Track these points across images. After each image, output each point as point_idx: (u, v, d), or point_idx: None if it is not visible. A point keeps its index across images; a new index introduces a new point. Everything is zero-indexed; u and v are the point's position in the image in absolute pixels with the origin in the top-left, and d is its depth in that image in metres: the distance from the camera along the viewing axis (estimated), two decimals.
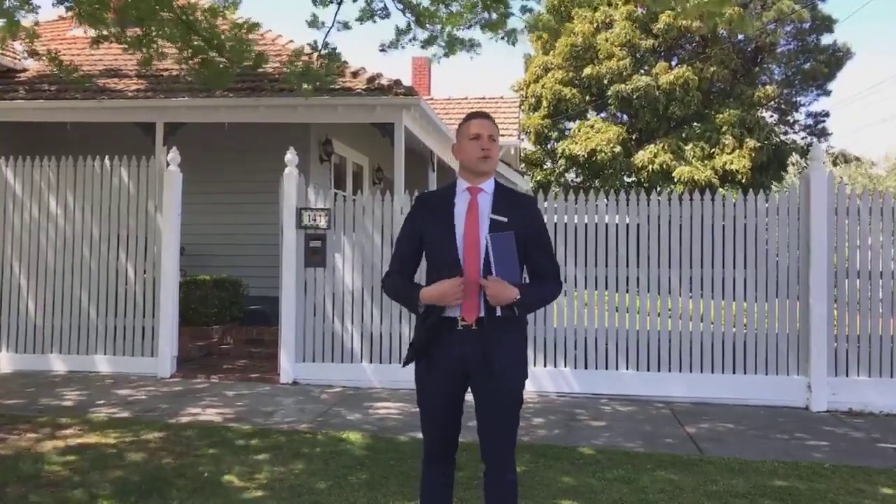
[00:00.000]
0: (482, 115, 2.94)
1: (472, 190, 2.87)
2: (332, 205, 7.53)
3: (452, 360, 2.79)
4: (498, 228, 2.77)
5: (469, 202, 2.84)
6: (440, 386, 2.83)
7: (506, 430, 2.85)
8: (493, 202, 2.85)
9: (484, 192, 2.87)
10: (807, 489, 4.33)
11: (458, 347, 2.77)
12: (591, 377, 7.06)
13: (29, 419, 5.67)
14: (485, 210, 2.83)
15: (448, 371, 2.81)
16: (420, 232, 2.90)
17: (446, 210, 2.86)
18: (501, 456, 2.84)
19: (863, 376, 6.75)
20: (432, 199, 3.00)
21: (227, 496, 4.05)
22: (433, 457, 2.93)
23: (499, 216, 2.80)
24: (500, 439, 2.84)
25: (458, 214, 2.83)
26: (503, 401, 2.82)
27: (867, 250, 6.86)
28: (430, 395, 2.87)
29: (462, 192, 2.88)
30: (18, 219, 8.05)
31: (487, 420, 2.84)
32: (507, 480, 2.85)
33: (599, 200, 7.23)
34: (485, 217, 2.81)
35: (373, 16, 7.98)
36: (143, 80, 9.83)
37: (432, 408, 2.88)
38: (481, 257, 2.77)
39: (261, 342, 8.91)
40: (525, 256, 2.84)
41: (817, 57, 24.29)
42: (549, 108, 23.77)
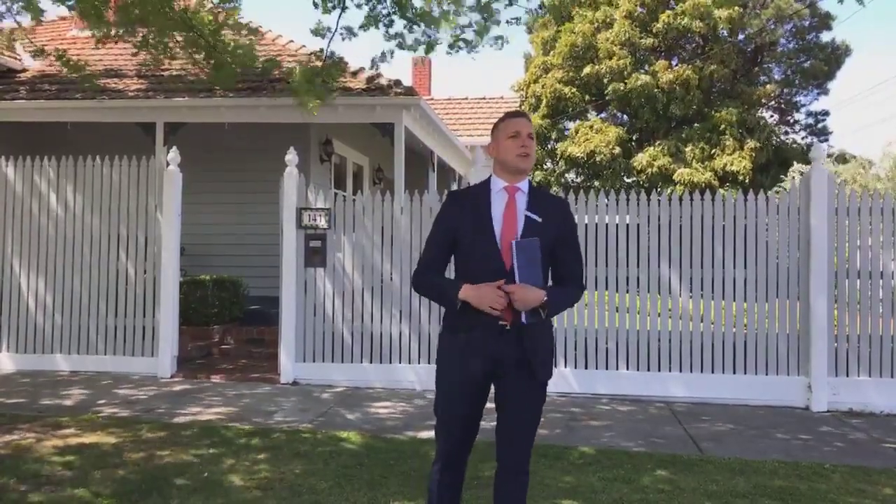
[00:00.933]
0: (521, 114, 2.92)
1: (509, 189, 2.83)
2: (332, 205, 7.53)
3: (485, 360, 2.75)
4: (533, 227, 2.76)
5: (507, 201, 2.81)
6: (465, 382, 2.79)
7: (530, 430, 2.84)
8: (528, 201, 2.82)
9: (521, 191, 2.84)
10: (807, 489, 4.33)
11: (493, 347, 2.73)
12: (592, 377, 7.07)
13: (29, 419, 5.67)
14: (522, 209, 2.80)
15: (479, 371, 2.77)
16: (454, 231, 2.84)
17: (482, 209, 2.81)
18: (521, 457, 2.82)
19: (863, 376, 6.75)
20: (467, 197, 2.92)
21: (227, 496, 4.05)
22: (448, 462, 2.88)
23: (534, 215, 2.78)
24: (523, 440, 2.83)
25: (496, 214, 2.79)
26: (534, 402, 2.82)
27: (867, 250, 6.86)
28: (453, 391, 2.81)
29: (499, 191, 2.84)
30: (19, 218, 8.05)
31: (514, 420, 2.81)
32: (521, 481, 2.84)
33: (600, 200, 7.23)
34: (522, 216, 2.79)
35: (376, 23, 7.98)
36: (144, 80, 9.84)
37: (453, 404, 2.82)
38: None
39: (261, 342, 8.91)
40: (553, 258, 2.82)
41: (817, 55, 24.30)
42: (548, 108, 23.77)
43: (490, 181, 2.89)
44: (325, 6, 7.87)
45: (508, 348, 2.74)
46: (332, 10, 7.95)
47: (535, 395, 2.82)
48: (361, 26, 8.01)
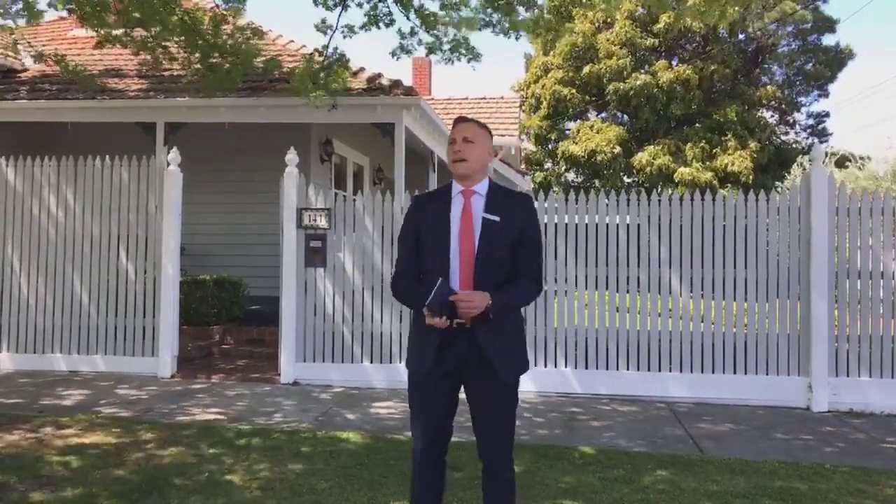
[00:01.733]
0: (458, 120, 2.99)
1: (465, 193, 2.90)
2: (332, 205, 7.52)
3: (445, 359, 2.82)
4: (491, 227, 2.82)
5: (463, 206, 2.88)
6: (431, 384, 2.86)
7: (501, 430, 2.86)
8: (486, 202, 2.87)
9: (477, 195, 2.89)
10: (808, 489, 4.33)
11: (448, 347, 2.80)
12: (592, 377, 7.06)
13: (29, 419, 5.67)
14: (478, 212, 2.86)
15: (439, 370, 2.84)
16: (417, 232, 2.93)
17: (443, 213, 2.89)
18: (499, 454, 2.86)
19: (864, 376, 6.74)
20: (429, 201, 3.02)
21: (227, 496, 4.05)
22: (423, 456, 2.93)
23: (491, 215, 2.83)
24: (494, 440, 2.86)
25: (454, 218, 2.86)
26: (500, 401, 2.85)
27: (868, 250, 6.85)
28: (421, 392, 2.90)
29: (456, 195, 2.91)
30: (20, 218, 8.05)
31: (483, 420, 2.87)
32: (505, 479, 2.87)
33: (600, 200, 7.23)
34: (479, 219, 2.84)
35: (377, 22, 7.97)
36: (144, 80, 9.84)
37: (422, 406, 2.91)
38: (475, 259, 2.80)
39: (261, 342, 8.91)
40: (512, 254, 2.85)
41: (819, 57, 24.29)
42: (549, 108, 23.77)
43: (451, 185, 2.96)
44: (325, 3, 7.87)
45: (469, 348, 2.78)
46: (333, 7, 7.94)
47: (501, 395, 2.84)
48: (362, 26, 8.01)
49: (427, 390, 2.88)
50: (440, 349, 2.81)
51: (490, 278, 2.79)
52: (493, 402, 2.84)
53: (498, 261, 2.82)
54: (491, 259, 2.81)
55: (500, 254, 2.82)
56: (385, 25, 8.01)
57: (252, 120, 9.37)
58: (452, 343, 2.79)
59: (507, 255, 2.84)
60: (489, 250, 2.81)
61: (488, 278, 2.79)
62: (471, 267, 2.79)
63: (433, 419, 2.89)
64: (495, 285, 2.78)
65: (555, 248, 7.21)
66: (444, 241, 2.83)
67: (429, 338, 2.81)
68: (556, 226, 7.22)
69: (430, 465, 2.94)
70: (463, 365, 2.82)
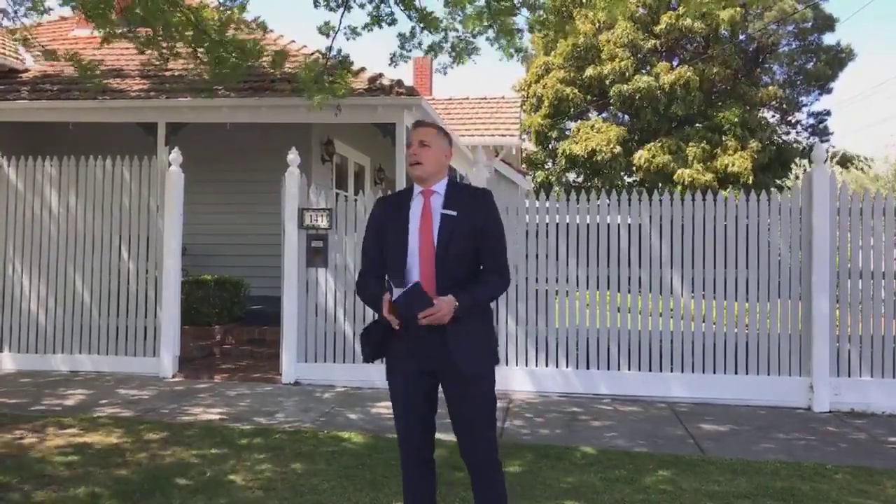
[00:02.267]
0: (416, 124, 3.05)
1: (424, 193, 2.95)
2: (333, 205, 7.53)
3: (415, 359, 2.84)
4: (449, 221, 2.85)
5: (423, 205, 2.92)
6: (407, 384, 2.88)
7: (478, 430, 2.86)
8: (445, 199, 2.91)
9: (437, 194, 2.94)
10: (809, 490, 4.33)
11: (419, 346, 2.81)
12: (593, 377, 7.06)
13: (31, 419, 5.68)
14: (437, 210, 2.90)
15: (413, 370, 2.86)
16: (380, 232, 2.98)
17: (402, 213, 2.93)
18: (480, 457, 2.86)
19: (865, 377, 6.74)
20: (390, 202, 3.08)
21: (229, 496, 4.05)
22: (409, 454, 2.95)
23: (448, 210, 2.87)
24: (472, 440, 2.86)
25: (413, 217, 2.90)
26: (472, 400, 2.85)
27: (869, 250, 6.85)
28: (399, 394, 2.91)
29: (416, 196, 2.96)
30: (21, 218, 8.06)
31: (460, 419, 2.88)
32: (490, 481, 2.86)
33: (601, 200, 7.23)
34: (438, 216, 2.88)
35: (379, 22, 7.98)
36: (146, 80, 9.84)
37: (401, 406, 2.92)
38: (435, 255, 2.83)
39: (262, 342, 8.91)
40: (473, 249, 2.88)
41: (819, 57, 24.29)
42: (550, 108, 23.78)
43: (413, 187, 3.01)
44: (328, 4, 7.88)
45: (433, 347, 2.79)
46: (336, 8, 7.95)
47: (472, 394, 2.84)
48: (365, 26, 8.02)
49: (404, 392, 2.90)
50: (412, 350, 2.83)
51: (451, 274, 2.81)
52: (466, 401, 2.85)
53: (457, 256, 2.84)
54: (450, 253, 2.83)
55: (459, 248, 2.83)
56: (388, 25, 8.02)
57: (253, 120, 9.37)
58: (423, 343, 2.80)
59: (466, 249, 2.85)
60: (447, 244, 2.83)
61: (449, 274, 2.81)
62: (430, 264, 2.82)
63: (413, 420, 2.91)
64: (456, 282, 2.80)
65: (556, 248, 7.21)
66: (403, 240, 2.87)
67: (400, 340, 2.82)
68: (556, 226, 7.22)
69: (416, 465, 2.95)
70: (434, 364, 2.83)
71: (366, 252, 3.06)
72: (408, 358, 2.85)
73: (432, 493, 3.00)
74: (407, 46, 8.22)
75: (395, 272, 2.86)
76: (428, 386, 2.89)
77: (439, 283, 2.79)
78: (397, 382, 2.92)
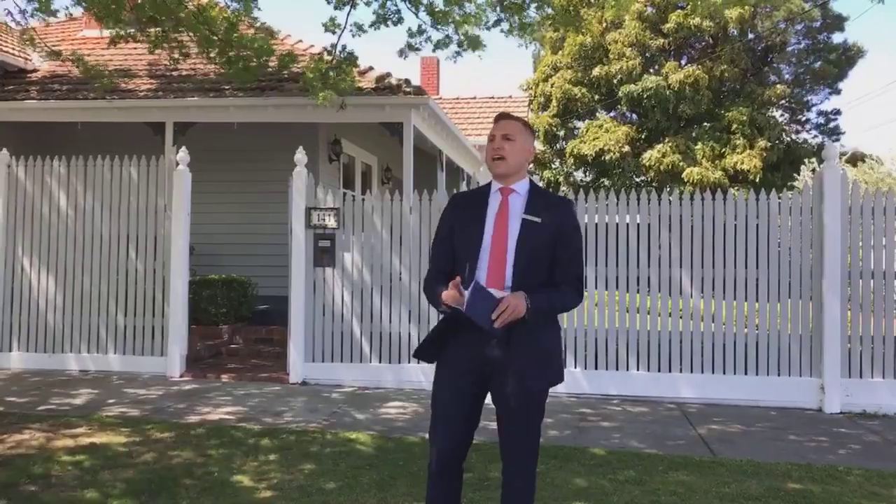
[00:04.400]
0: (500, 116, 2.91)
1: (503, 191, 2.84)
2: (341, 204, 7.52)
3: (470, 360, 2.74)
4: (531, 228, 2.74)
5: (500, 203, 2.81)
6: (456, 385, 2.78)
7: (517, 435, 2.77)
8: (527, 203, 2.80)
9: (516, 194, 2.83)
10: (821, 492, 4.28)
11: (477, 347, 2.72)
12: (602, 378, 7.03)
13: (40, 418, 5.69)
14: (516, 211, 2.79)
15: (465, 370, 2.76)
16: (452, 231, 2.87)
17: (479, 211, 2.83)
18: (513, 461, 2.78)
19: (877, 378, 6.68)
20: (465, 198, 2.97)
21: (236, 496, 4.04)
22: (440, 463, 2.82)
23: (532, 217, 2.76)
24: (512, 445, 2.78)
25: (490, 216, 2.80)
26: (522, 409, 2.74)
27: (881, 250, 6.79)
28: (446, 402, 2.80)
29: (494, 193, 2.85)
30: (29, 218, 8.08)
31: (502, 424, 2.79)
32: (514, 488, 2.78)
33: (610, 200, 7.19)
34: (516, 218, 2.77)
35: (385, 20, 7.97)
36: (154, 79, 9.86)
37: (445, 407, 2.81)
38: (509, 259, 2.72)
39: (270, 341, 8.92)
40: (552, 259, 2.78)
41: (828, 56, 24.12)
42: (558, 107, 23.71)
43: (490, 184, 2.91)
44: (337, 1, 7.88)
45: (491, 349, 2.71)
46: (343, 5, 7.95)
47: (528, 405, 2.75)
48: (371, 24, 8.01)
49: (452, 395, 2.78)
50: (465, 348, 2.73)
51: (524, 281, 2.70)
52: (515, 409, 2.74)
53: (534, 263, 2.73)
54: (527, 260, 2.72)
55: (538, 256, 2.73)
56: (393, 24, 8.01)
57: (260, 119, 9.37)
58: (484, 346, 2.70)
59: (543, 258, 2.75)
60: (527, 251, 2.72)
61: (522, 281, 2.70)
62: (502, 267, 2.71)
63: (455, 425, 2.79)
64: (529, 290, 2.68)
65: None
66: (477, 239, 2.76)
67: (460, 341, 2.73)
68: None
69: (448, 471, 2.84)
70: (491, 370, 2.73)
71: (433, 254, 2.95)
72: (458, 358, 2.75)
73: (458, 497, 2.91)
74: (415, 41, 8.21)
75: (464, 271, 2.72)
76: (478, 392, 2.78)
77: (514, 289, 2.68)
78: (444, 383, 2.80)
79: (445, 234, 2.90)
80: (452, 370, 2.79)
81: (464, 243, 2.80)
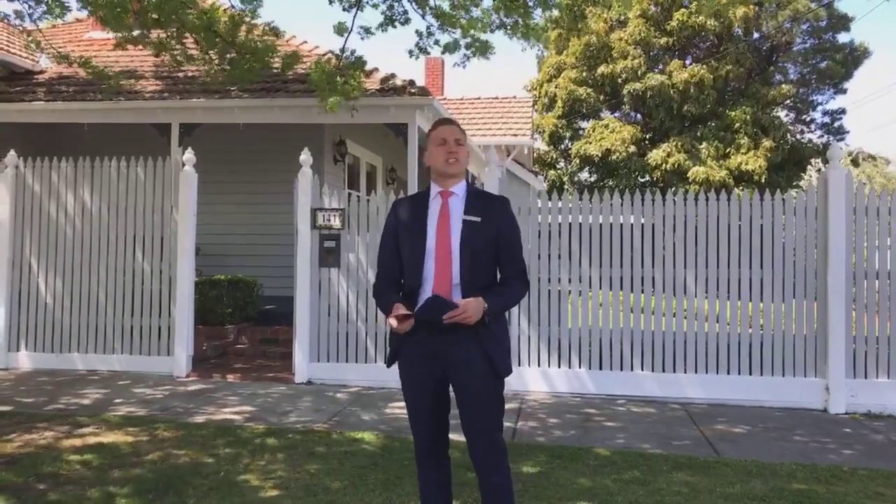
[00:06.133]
0: (448, 122, 3.05)
1: (443, 194, 2.94)
2: (346, 205, 7.55)
3: (428, 359, 2.85)
4: (472, 227, 2.87)
5: (441, 206, 2.92)
6: (418, 384, 2.90)
7: (481, 431, 2.86)
8: (465, 204, 2.92)
9: (455, 196, 2.94)
10: (825, 492, 4.29)
11: (429, 345, 2.83)
12: (607, 378, 7.04)
13: (47, 418, 5.73)
14: (457, 212, 2.90)
15: (425, 369, 2.87)
16: (395, 236, 2.98)
17: (420, 214, 2.94)
18: (483, 457, 2.86)
19: (882, 378, 6.68)
20: (407, 204, 3.08)
21: (242, 495, 4.07)
22: (422, 451, 2.99)
23: (472, 217, 2.88)
24: (477, 441, 2.87)
25: (431, 218, 2.91)
26: (475, 400, 2.85)
27: (886, 250, 6.78)
28: (411, 393, 2.94)
29: (434, 198, 2.96)
30: (37, 219, 8.13)
31: (464, 421, 2.89)
32: (492, 483, 2.86)
33: (614, 200, 7.20)
34: (457, 219, 2.89)
35: (393, 22, 7.99)
36: (160, 81, 9.91)
37: (414, 406, 2.95)
38: (454, 262, 2.83)
39: (275, 342, 8.95)
40: (497, 256, 2.91)
41: (833, 56, 24.05)
42: (563, 107, 23.70)
43: (430, 188, 3.00)
44: (342, 4, 7.91)
45: (445, 347, 2.81)
46: (350, 8, 7.98)
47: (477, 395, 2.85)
48: (379, 25, 8.03)
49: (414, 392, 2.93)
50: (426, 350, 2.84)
51: (470, 279, 2.83)
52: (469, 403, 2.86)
53: (478, 261, 2.86)
54: (471, 259, 2.84)
55: (480, 254, 2.86)
56: (401, 24, 8.03)
57: (266, 120, 9.41)
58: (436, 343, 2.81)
59: (486, 256, 2.88)
60: (470, 250, 2.84)
61: (469, 279, 2.83)
62: (447, 267, 2.83)
63: (424, 419, 2.94)
64: (480, 287, 2.82)
65: (569, 248, 7.19)
66: (421, 242, 2.88)
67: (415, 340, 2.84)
68: (570, 226, 7.20)
69: (431, 463, 2.99)
70: (445, 365, 2.84)
71: (381, 257, 3.07)
72: (421, 357, 2.86)
73: (448, 488, 3.03)
74: (423, 43, 8.23)
75: (411, 275, 2.88)
76: (438, 385, 2.90)
77: (464, 289, 2.81)
78: (406, 382, 2.95)
79: (390, 241, 3.01)
80: (410, 369, 2.92)
81: (409, 247, 2.91)
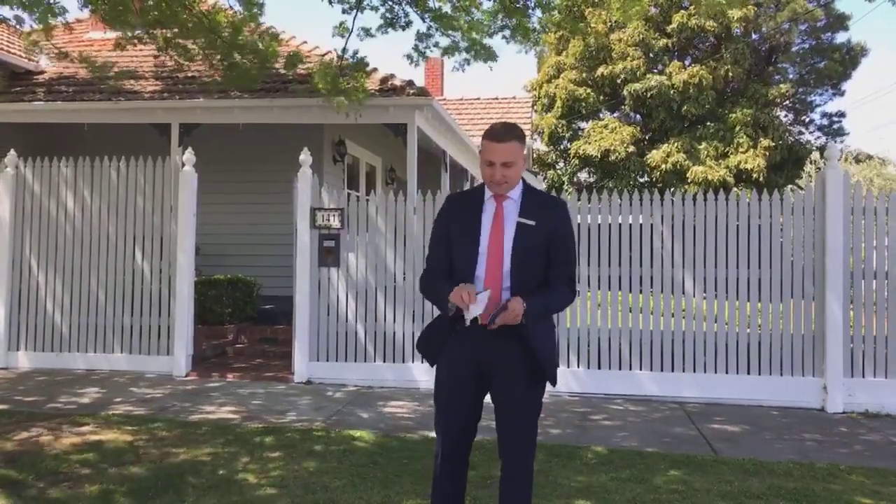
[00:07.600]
0: (497, 138, 2.81)
1: (497, 198, 2.89)
2: (345, 205, 7.56)
3: (468, 360, 2.82)
4: (526, 231, 2.81)
5: (495, 210, 2.87)
6: (456, 384, 2.86)
7: (515, 432, 2.85)
8: (520, 206, 2.86)
9: (510, 200, 2.88)
10: (822, 490, 4.30)
11: (476, 343, 2.79)
12: (605, 377, 7.05)
13: (47, 417, 5.74)
14: (511, 216, 2.85)
15: (464, 370, 2.83)
16: (448, 231, 2.93)
17: (474, 215, 2.88)
18: (511, 457, 2.85)
19: (879, 377, 6.69)
20: (461, 201, 3.02)
21: (241, 493, 4.08)
22: (445, 456, 2.91)
23: (526, 220, 2.83)
24: (509, 442, 2.85)
25: (485, 222, 2.86)
26: (513, 403, 2.83)
27: (884, 250, 6.80)
28: (446, 393, 2.89)
29: (489, 199, 2.90)
30: (37, 219, 8.14)
31: (499, 421, 2.87)
32: (515, 483, 2.84)
33: (613, 200, 7.22)
34: (511, 222, 2.83)
35: (393, 24, 8.02)
36: (159, 81, 9.92)
37: (446, 408, 2.89)
38: (505, 265, 2.79)
39: (274, 341, 8.97)
40: (545, 260, 2.85)
41: (832, 56, 24.08)
42: (563, 108, 23.72)
43: (484, 187, 2.94)
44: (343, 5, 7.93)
45: (488, 349, 2.79)
46: (350, 10, 8.00)
47: (515, 399, 2.83)
48: (379, 27, 8.06)
49: (451, 385, 2.87)
50: (463, 348, 2.81)
51: (520, 282, 2.79)
52: (506, 405, 2.84)
53: (529, 265, 2.81)
54: (522, 262, 2.79)
55: (532, 258, 2.81)
56: (401, 28, 8.05)
57: (266, 121, 9.43)
58: (483, 343, 2.78)
59: (538, 260, 2.83)
60: (522, 254, 2.79)
61: (518, 282, 2.79)
62: (499, 269, 2.79)
63: (456, 414, 2.88)
64: (527, 290, 2.77)
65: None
66: (474, 243, 2.83)
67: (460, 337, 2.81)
68: None
69: (450, 470, 2.92)
70: (489, 367, 2.81)
71: (432, 250, 3.01)
72: (457, 357, 2.84)
73: (462, 493, 2.99)
74: (423, 46, 8.25)
75: (462, 275, 2.81)
76: (476, 387, 2.86)
77: (512, 291, 2.77)
78: (445, 374, 2.88)
79: (443, 234, 2.95)
80: (452, 362, 2.86)
81: (461, 247, 2.86)
